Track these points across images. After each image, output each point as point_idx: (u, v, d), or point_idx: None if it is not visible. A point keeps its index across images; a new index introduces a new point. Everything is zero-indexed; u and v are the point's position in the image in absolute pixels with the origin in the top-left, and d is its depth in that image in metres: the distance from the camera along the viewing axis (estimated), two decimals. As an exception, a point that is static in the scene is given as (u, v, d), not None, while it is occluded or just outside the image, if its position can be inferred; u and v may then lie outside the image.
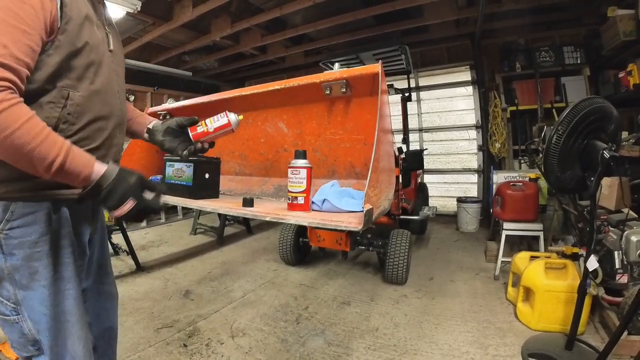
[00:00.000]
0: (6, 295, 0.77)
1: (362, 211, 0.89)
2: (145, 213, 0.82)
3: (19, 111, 0.65)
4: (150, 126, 1.09)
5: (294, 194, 1.14)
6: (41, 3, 0.70)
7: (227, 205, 1.31)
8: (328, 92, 1.25)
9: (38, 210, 0.78)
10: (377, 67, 1.08)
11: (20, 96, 0.67)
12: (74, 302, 0.83)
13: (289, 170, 1.15)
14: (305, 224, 1.03)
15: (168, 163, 1.56)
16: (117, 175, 0.77)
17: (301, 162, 1.15)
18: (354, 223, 0.92)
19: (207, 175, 1.47)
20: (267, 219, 1.08)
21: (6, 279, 0.76)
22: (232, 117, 1.00)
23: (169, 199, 1.47)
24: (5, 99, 0.63)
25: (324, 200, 1.15)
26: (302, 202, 1.13)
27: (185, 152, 1.01)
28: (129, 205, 0.78)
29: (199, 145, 1.02)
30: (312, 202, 1.17)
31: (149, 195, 0.82)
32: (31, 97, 0.72)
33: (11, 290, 0.76)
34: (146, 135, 1.10)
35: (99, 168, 0.76)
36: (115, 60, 0.94)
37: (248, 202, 1.24)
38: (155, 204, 0.84)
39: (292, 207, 1.14)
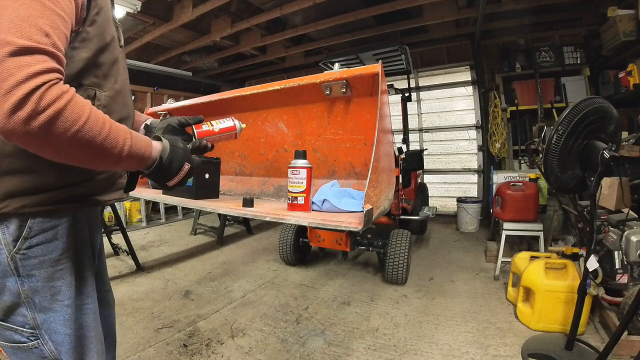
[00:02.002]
0: (21, 321, 0.69)
1: (362, 211, 0.89)
2: (194, 173, 0.81)
3: (81, 101, 0.56)
4: (148, 122, 1.01)
5: (294, 194, 1.14)
6: None
7: (227, 205, 1.31)
8: (328, 92, 1.25)
9: (58, 224, 0.71)
10: (377, 67, 1.08)
11: None
12: (93, 317, 0.79)
13: (289, 170, 1.15)
14: (305, 224, 1.03)
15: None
16: (170, 145, 0.74)
17: (301, 162, 1.15)
18: (354, 223, 0.92)
19: (207, 176, 1.47)
20: (267, 219, 1.08)
21: (23, 304, 0.69)
22: (237, 122, 0.99)
23: (169, 199, 1.47)
24: (64, 90, 0.53)
25: (324, 200, 1.15)
26: (302, 202, 1.13)
27: (189, 146, 0.90)
28: (185, 170, 0.77)
29: (204, 142, 0.93)
30: (312, 202, 1.17)
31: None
32: None
33: (28, 315, 0.69)
34: (142, 132, 1.00)
35: (155, 144, 0.71)
36: (124, 56, 0.89)
37: (248, 202, 1.25)
38: (200, 161, 0.83)
39: (292, 207, 1.14)
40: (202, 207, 1.33)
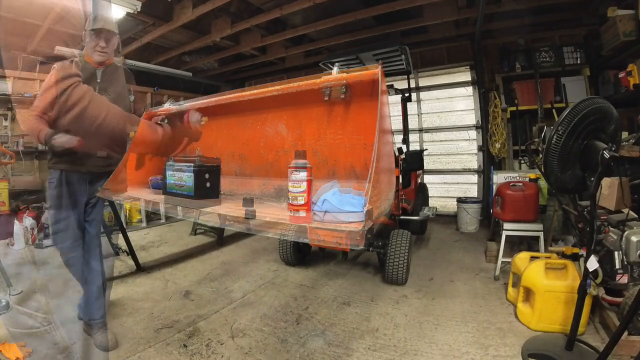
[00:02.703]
0: (35, 306, 0.78)
1: (362, 211, 0.89)
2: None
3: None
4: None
5: (294, 194, 1.14)
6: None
7: (227, 206, 1.31)
8: (328, 94, 1.25)
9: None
10: (376, 69, 1.08)
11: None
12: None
13: (289, 170, 1.15)
14: (305, 224, 1.03)
15: (168, 165, 1.57)
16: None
17: (301, 162, 1.15)
18: (354, 223, 0.92)
19: (207, 176, 1.47)
20: (267, 219, 1.09)
21: (38, 290, 0.79)
22: (195, 114, 0.99)
23: (169, 200, 1.47)
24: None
25: (324, 200, 1.15)
26: (303, 202, 1.14)
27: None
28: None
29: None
30: (313, 202, 1.17)
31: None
32: None
33: (42, 300, 0.76)
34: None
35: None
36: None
37: (248, 202, 1.25)
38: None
39: (293, 207, 1.14)
40: (201, 208, 1.33)
